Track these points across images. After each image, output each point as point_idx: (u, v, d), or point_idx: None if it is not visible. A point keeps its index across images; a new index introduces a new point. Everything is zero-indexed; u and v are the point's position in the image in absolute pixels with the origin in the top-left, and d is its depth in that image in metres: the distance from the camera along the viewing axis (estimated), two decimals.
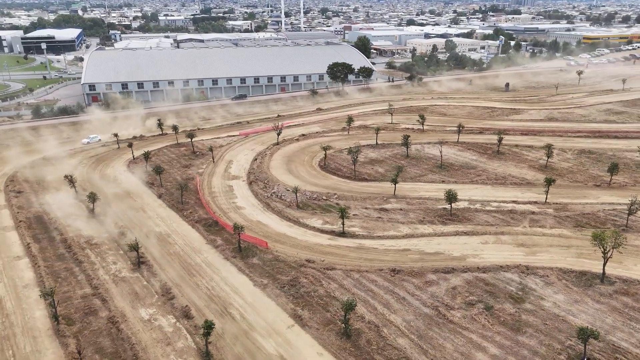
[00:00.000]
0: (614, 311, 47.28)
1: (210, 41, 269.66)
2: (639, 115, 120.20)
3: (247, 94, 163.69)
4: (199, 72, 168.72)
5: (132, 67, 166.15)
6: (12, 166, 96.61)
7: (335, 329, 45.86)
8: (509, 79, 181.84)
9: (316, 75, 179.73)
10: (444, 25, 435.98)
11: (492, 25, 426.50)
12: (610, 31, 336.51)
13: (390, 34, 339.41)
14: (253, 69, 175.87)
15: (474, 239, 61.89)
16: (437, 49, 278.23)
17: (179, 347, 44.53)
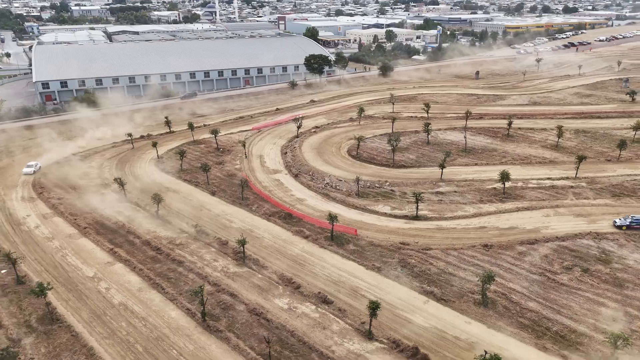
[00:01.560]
0: None
1: (145, 33, 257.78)
2: (606, 97, 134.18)
3: (197, 91, 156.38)
4: (159, 66, 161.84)
5: (84, 63, 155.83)
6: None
7: (470, 300, 50.46)
8: (467, 67, 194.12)
9: (280, 67, 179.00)
10: (371, 15, 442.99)
11: (417, 15, 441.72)
12: (526, 21, 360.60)
13: (327, 24, 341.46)
14: (215, 62, 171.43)
15: (535, 213, 68.69)
16: (378, 39, 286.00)
17: (337, 329, 47.08)
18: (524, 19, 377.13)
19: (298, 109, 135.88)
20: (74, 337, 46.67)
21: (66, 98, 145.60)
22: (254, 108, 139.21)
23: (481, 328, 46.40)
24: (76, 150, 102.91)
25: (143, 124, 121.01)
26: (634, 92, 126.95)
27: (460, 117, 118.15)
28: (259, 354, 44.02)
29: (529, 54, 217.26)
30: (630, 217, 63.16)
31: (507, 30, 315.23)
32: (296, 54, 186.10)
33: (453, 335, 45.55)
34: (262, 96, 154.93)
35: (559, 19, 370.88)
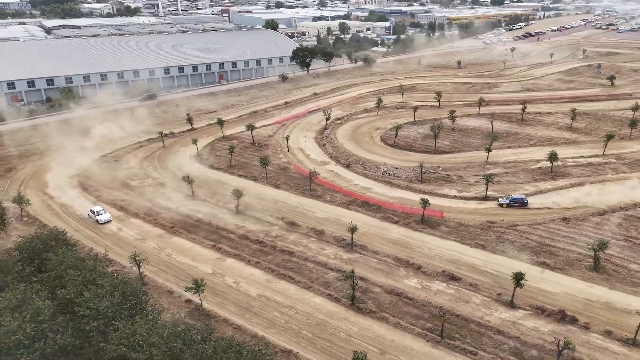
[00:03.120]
0: None
1: (88, 27, 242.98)
2: (586, 82, 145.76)
3: (156, 93, 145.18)
4: (130, 63, 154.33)
5: (45, 60, 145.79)
6: (67, 172, 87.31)
7: (581, 266, 55.53)
8: (441, 58, 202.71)
9: (253, 60, 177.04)
10: (312, 8, 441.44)
11: (357, 7, 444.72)
12: (463, 12, 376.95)
13: (275, 17, 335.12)
14: (189, 57, 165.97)
15: (589, 188, 75.11)
16: (331, 31, 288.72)
17: (479, 302, 50.46)
18: (461, 11, 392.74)
19: (304, 102, 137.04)
20: (236, 329, 46.96)
21: (34, 98, 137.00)
22: (259, 102, 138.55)
23: (603, 290, 51.55)
24: (105, 152, 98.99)
25: (143, 123, 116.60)
26: (613, 77, 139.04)
27: (467, 104, 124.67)
28: (423, 329, 46.65)
29: (495, 44, 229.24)
30: (511, 196, 71.60)
31: (451, 22, 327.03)
32: (267, 47, 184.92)
33: (584, 298, 50.35)
34: (252, 91, 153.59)
35: (493, 11, 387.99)
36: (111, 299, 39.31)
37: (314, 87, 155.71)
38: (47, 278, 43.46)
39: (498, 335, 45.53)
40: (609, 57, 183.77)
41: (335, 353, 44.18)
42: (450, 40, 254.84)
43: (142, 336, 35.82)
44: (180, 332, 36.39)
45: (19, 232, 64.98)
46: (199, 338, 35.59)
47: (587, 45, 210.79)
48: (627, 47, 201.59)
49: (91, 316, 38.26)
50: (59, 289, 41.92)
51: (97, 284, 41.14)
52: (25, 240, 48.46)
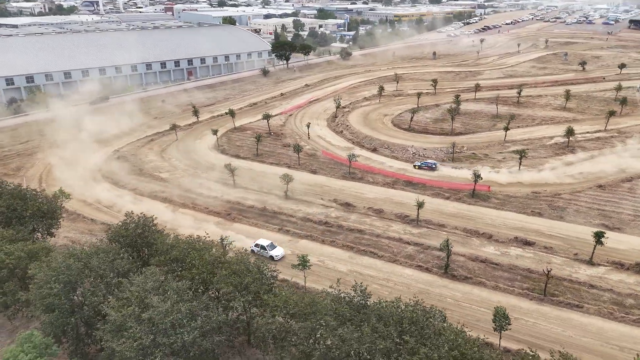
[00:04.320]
0: None
1: (25, 26, 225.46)
2: (559, 68, 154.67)
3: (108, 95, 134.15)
4: (95, 60, 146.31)
5: (21, 56, 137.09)
6: (85, 168, 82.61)
7: (637, 224, 59.45)
8: (408, 51, 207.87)
9: (222, 56, 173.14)
10: (256, 6, 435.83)
11: (302, 6, 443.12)
12: (408, 10, 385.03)
13: (224, 14, 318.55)
14: (155, 54, 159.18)
15: (607, 158, 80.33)
16: (286, 29, 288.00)
17: (559, 262, 52.90)
18: (405, 9, 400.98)
19: (299, 94, 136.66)
20: None
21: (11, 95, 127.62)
22: (253, 95, 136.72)
23: None
24: (115, 147, 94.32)
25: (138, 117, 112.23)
26: (584, 63, 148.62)
27: (460, 90, 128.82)
28: (522, 289, 48.39)
29: (459, 37, 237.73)
30: (424, 162, 79.86)
31: (400, 19, 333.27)
32: (234, 43, 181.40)
33: None
34: (238, 84, 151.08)
35: (435, 8, 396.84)
36: (251, 275, 37.94)
37: (302, 80, 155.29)
38: (164, 261, 41.18)
39: (593, 290, 48.09)
40: (567, 46, 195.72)
41: (450, 316, 44.86)
42: (409, 35, 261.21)
43: (298, 305, 35.05)
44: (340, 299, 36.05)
45: (65, 228, 60.71)
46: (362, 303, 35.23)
47: (542, 36, 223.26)
48: (580, 37, 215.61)
49: (235, 292, 36.87)
50: (179, 271, 39.95)
51: (225, 263, 39.59)
52: (120, 228, 45.46)
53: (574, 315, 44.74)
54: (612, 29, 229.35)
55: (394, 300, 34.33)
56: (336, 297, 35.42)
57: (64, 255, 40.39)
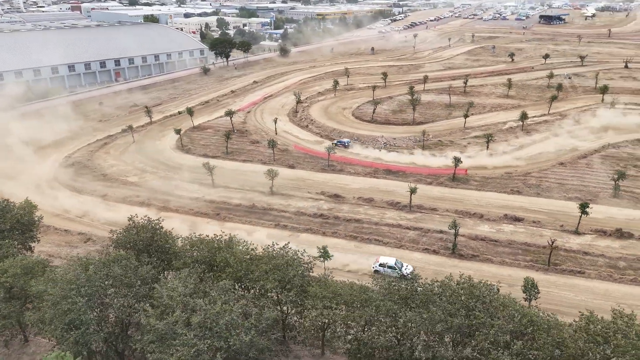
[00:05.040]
0: None
1: None
2: (490, 60, 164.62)
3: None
4: (13, 62, 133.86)
5: None
6: (36, 176, 75.17)
7: (606, 194, 64.89)
8: (344, 47, 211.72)
9: (152, 56, 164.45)
10: (171, 5, 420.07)
11: (220, 5, 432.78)
12: (329, 9, 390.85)
13: (138, 13, 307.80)
14: (78, 55, 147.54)
15: (559, 139, 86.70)
16: (210, 27, 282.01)
17: (549, 234, 56.41)
18: (326, 8, 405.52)
19: (250, 90, 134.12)
20: None
21: None
22: (202, 94, 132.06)
23: (635, 211, 61.08)
24: (65, 153, 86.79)
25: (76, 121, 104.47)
26: (513, 54, 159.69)
27: (407, 83, 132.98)
28: (527, 262, 51.04)
29: (390, 33, 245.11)
30: (340, 140, 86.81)
31: (324, 17, 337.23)
32: (163, 42, 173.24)
33: (624, 218, 59.26)
34: (179, 84, 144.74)
35: (355, 7, 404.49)
36: (293, 269, 36.46)
37: (247, 77, 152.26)
38: (189, 263, 38.35)
39: (587, 256, 51.90)
40: (491, 40, 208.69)
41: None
42: (339, 33, 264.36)
43: (351, 294, 34.39)
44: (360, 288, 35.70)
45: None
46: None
47: (466, 31, 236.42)
48: (500, 32, 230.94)
49: (279, 287, 35.31)
50: (213, 272, 37.53)
51: (262, 258, 37.74)
52: (129, 234, 41.60)
53: (579, 281, 47.99)
54: (526, 23, 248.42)
55: (445, 279, 34.64)
56: (387, 282, 35.02)
57: (77, 265, 36.33)
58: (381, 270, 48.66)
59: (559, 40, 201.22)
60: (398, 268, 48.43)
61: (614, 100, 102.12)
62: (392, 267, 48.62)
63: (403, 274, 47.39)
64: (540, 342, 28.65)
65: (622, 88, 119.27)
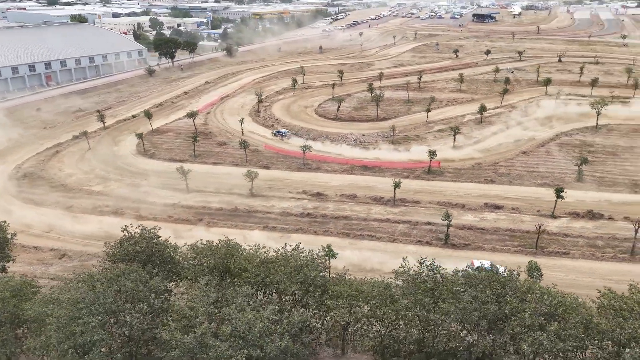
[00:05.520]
0: None
1: None
2: (436, 57, 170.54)
3: None
4: None
5: None
6: None
7: (570, 179, 68.97)
8: (290, 46, 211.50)
9: (86, 58, 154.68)
10: (96, 4, 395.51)
11: (150, 4, 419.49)
12: (265, 8, 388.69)
13: (60, 13, 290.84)
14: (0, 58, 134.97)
15: (515, 130, 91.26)
16: (142, 28, 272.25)
17: (529, 219, 59.20)
18: (261, 7, 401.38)
19: (203, 92, 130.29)
20: None
21: None
22: (153, 96, 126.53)
23: (599, 193, 65.48)
24: (12, 164, 79.80)
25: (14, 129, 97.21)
26: (457, 51, 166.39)
27: (361, 80, 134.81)
28: (516, 247, 53.24)
29: (333, 31, 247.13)
30: (278, 130, 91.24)
31: (261, 17, 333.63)
32: (98, 43, 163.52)
33: (592, 201, 63.29)
34: (122, 87, 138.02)
35: (290, 7, 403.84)
36: (314, 269, 35.54)
37: (197, 77, 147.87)
38: (200, 272, 36.31)
39: (568, 238, 55.03)
40: (432, 38, 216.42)
41: None
42: (280, 32, 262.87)
43: (374, 291, 34.18)
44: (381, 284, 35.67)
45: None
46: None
47: (407, 30, 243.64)
48: (439, 30, 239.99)
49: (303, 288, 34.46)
50: (229, 279, 35.78)
51: (280, 260, 36.50)
52: (129, 245, 38.60)
53: (566, 261, 50.77)
54: (461, 22, 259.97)
55: (466, 268, 35.22)
56: (410, 277, 35.01)
57: (80, 283, 33.28)
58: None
59: (494, 37, 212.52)
60: (495, 270, 46.46)
61: (560, 91, 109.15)
62: (490, 269, 47.57)
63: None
64: (572, 321, 29.82)
65: (560, 80, 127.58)
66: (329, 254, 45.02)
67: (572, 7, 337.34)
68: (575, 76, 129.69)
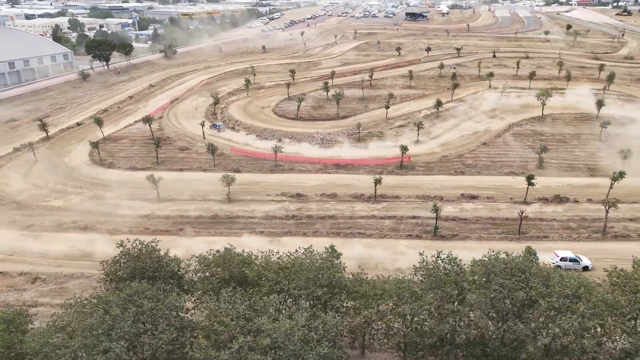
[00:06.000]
0: None
1: None
2: (379, 54, 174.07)
3: None
4: None
5: None
6: None
7: (531, 166, 72.99)
8: (230, 46, 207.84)
9: (4, 63, 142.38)
10: (2, 5, 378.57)
11: (63, 4, 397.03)
12: (192, 8, 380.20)
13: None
14: None
15: (470, 122, 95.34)
16: (61, 30, 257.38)
17: (505, 206, 62.03)
18: (188, 7, 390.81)
19: (149, 95, 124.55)
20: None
21: None
22: (93, 102, 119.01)
23: (559, 178, 69.94)
24: None
25: None
26: (399, 48, 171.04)
27: (311, 79, 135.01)
28: (500, 234, 55.56)
29: (272, 31, 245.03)
30: (214, 123, 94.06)
31: (190, 17, 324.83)
32: (16, 47, 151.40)
33: (555, 185, 67.41)
34: (53, 94, 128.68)
35: (220, 7, 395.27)
36: (337, 271, 34.88)
37: (137, 81, 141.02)
38: (217, 284, 34.40)
39: (544, 222, 58.27)
40: (371, 36, 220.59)
41: None
42: (215, 32, 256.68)
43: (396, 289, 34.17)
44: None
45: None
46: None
47: (344, 29, 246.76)
48: (377, 29, 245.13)
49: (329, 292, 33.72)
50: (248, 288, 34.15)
51: (300, 264, 35.42)
52: (129, 261, 35.69)
53: (547, 244, 53.67)
54: (395, 20, 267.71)
55: (487, 255, 36.06)
56: (430, 271, 35.24)
57: (93, 306, 30.32)
58: (563, 266, 47.68)
59: (429, 35, 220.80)
60: (579, 260, 49.40)
61: (505, 84, 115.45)
62: (574, 259, 49.41)
63: (585, 265, 48.95)
64: (592, 301, 31.52)
65: (499, 74, 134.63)
66: (333, 254, 44.44)
67: (492, 6, 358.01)
68: (512, 70, 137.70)
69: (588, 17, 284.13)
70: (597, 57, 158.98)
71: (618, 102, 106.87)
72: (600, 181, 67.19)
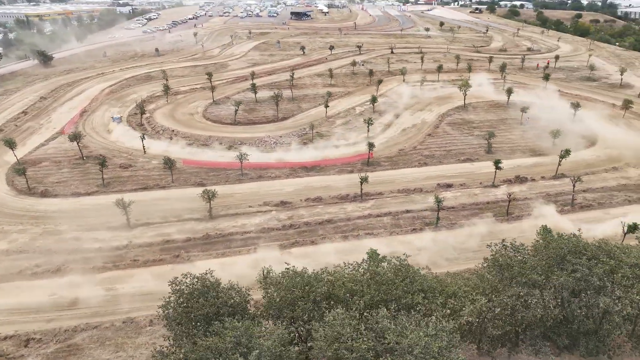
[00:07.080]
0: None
1: None
2: (283, 54, 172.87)
3: None
4: None
5: None
6: None
7: (480, 153, 78.87)
8: (112, 50, 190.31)
9: None
10: None
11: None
12: (37, 9, 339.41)
13: None
14: None
15: (419, 113, 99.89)
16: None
17: (479, 192, 66.27)
18: (33, 8, 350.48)
19: (46, 110, 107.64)
20: None
21: None
22: None
23: (509, 160, 76.03)
24: None
25: None
26: (304, 48, 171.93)
27: (227, 82, 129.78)
28: (491, 217, 59.22)
29: (157, 32, 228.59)
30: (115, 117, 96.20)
31: (41, 18, 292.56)
32: None
33: (511, 168, 73.59)
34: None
35: (71, 7, 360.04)
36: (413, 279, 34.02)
37: (18, 93, 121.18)
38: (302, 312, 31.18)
39: (519, 202, 63.43)
40: (264, 36, 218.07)
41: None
42: (83, 35, 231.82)
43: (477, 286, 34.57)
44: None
45: None
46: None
47: (233, 29, 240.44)
48: (267, 28, 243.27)
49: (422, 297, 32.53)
50: None
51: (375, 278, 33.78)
52: (197, 304, 30.49)
53: (534, 221, 58.56)
54: (282, 20, 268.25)
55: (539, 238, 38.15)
56: (505, 261, 36.20)
57: None
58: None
59: (322, 33, 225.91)
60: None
61: (423, 78, 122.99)
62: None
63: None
64: None
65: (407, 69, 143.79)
66: (374, 258, 43.34)
67: (364, 5, 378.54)
68: (415, 65, 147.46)
69: (449, 15, 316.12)
70: (478, 50, 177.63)
71: (515, 89, 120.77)
72: (543, 160, 75.51)
